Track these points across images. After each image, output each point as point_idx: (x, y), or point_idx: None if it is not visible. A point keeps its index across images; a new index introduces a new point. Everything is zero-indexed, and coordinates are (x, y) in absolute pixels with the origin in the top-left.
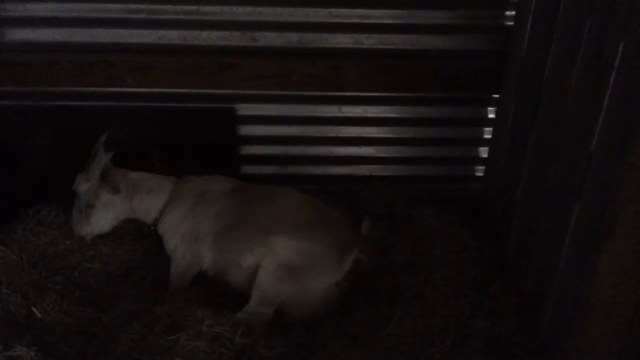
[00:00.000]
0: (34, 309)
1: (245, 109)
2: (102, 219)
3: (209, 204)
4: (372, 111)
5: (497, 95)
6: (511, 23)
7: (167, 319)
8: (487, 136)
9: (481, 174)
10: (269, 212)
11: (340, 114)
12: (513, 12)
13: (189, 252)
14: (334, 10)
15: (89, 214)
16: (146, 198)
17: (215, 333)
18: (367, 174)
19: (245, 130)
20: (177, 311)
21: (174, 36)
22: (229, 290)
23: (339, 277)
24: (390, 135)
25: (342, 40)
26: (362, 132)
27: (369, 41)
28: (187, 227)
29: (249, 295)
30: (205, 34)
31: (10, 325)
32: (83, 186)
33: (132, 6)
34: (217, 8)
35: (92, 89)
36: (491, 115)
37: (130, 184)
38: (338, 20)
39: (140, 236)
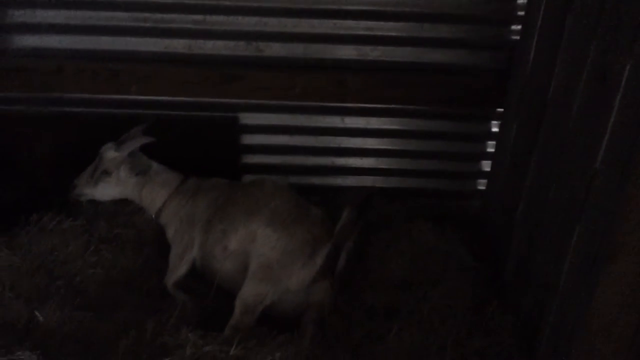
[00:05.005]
0: (36, 312)
1: (248, 118)
2: (109, 189)
3: (205, 194)
4: (374, 123)
5: (502, 110)
6: (516, 37)
7: (157, 340)
8: (491, 150)
9: (482, 188)
10: (253, 197)
11: (342, 125)
12: (518, 27)
13: (187, 234)
14: (338, 22)
15: (100, 179)
16: (156, 188)
17: (206, 352)
18: (368, 185)
19: (248, 139)
20: (166, 334)
21: (179, 45)
22: (214, 283)
23: (313, 271)
24: (393, 147)
25: (347, 52)
26: (364, 144)
27: (373, 53)
28: (185, 212)
29: (233, 292)
30: (210, 43)
31: (12, 329)
32: (111, 154)
33: (139, 15)
34: (223, 18)
35: (97, 96)
36: (494, 129)
37: (149, 172)
38: (343, 32)
39: (142, 243)
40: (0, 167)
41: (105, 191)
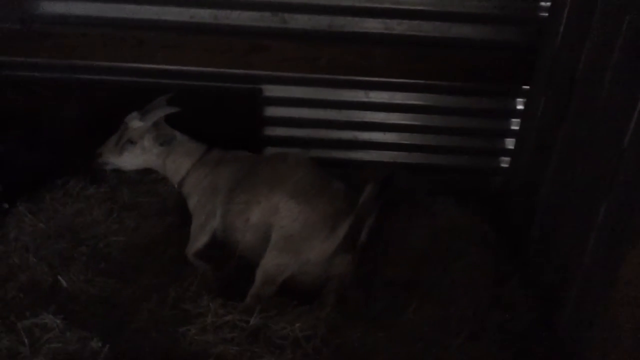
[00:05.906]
0: (60, 277)
1: (271, 90)
2: (134, 158)
3: (228, 165)
4: (398, 97)
5: (528, 87)
6: (545, 14)
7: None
8: (515, 127)
9: (506, 166)
10: (276, 170)
11: (366, 99)
12: (547, 3)
13: (209, 204)
14: None
15: (125, 148)
16: (179, 159)
17: (227, 320)
18: (391, 161)
19: (271, 111)
20: (188, 301)
21: (205, 15)
22: (235, 253)
23: (335, 244)
24: (416, 123)
25: (373, 26)
26: (387, 118)
27: (400, 27)
28: (207, 182)
29: (254, 263)
30: (236, 13)
31: (36, 293)
32: (136, 123)
33: None
34: None
35: (122, 64)
36: (520, 107)
37: (173, 142)
38: (369, 5)
39: (164, 212)
40: (27, 133)
41: (130, 160)
